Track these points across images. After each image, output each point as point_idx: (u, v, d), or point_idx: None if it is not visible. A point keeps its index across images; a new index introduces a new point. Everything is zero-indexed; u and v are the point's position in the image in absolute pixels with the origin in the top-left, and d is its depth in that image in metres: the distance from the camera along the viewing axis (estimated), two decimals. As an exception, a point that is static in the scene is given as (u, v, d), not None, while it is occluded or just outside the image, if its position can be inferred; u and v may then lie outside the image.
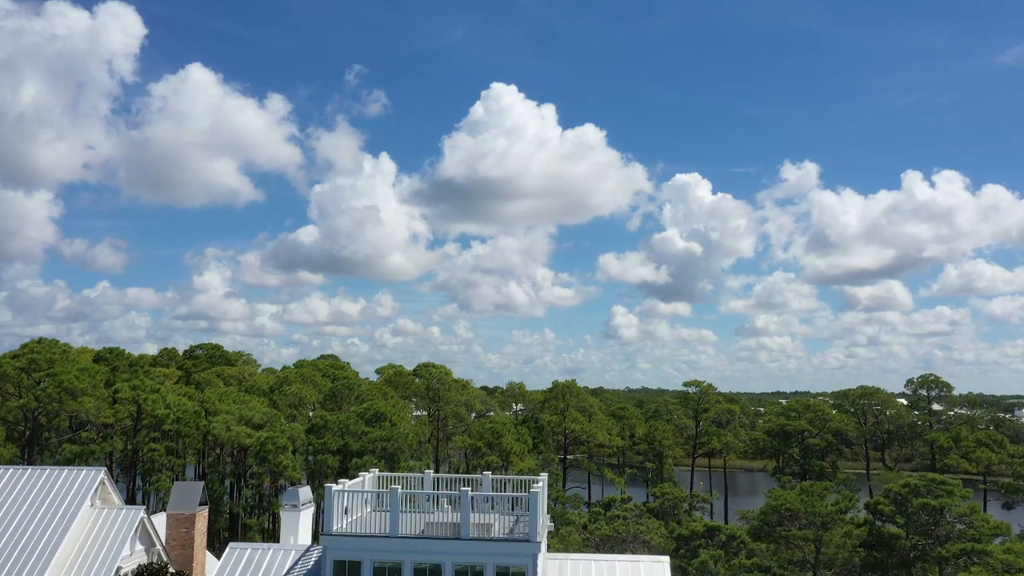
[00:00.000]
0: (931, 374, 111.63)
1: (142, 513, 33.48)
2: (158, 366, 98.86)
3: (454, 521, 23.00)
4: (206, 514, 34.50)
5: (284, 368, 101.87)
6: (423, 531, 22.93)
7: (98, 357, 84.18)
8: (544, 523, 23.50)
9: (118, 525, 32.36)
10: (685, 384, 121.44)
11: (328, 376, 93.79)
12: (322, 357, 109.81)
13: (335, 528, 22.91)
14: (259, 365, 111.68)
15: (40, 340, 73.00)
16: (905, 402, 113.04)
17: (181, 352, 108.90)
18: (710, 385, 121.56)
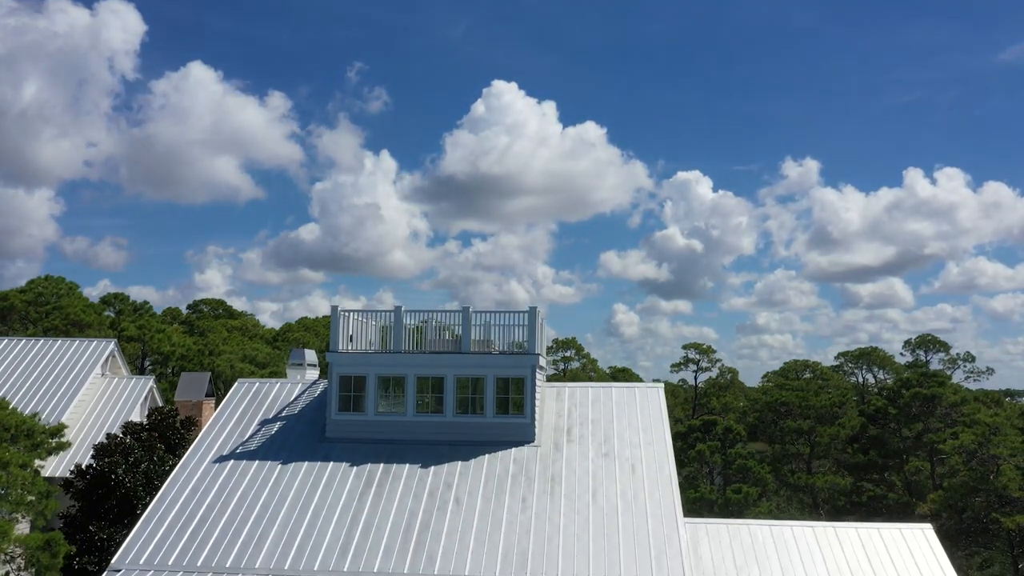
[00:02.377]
0: (928, 334, 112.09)
1: (152, 382, 34.39)
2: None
3: (456, 338, 23.77)
4: (212, 405, 35.34)
5: (286, 323, 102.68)
6: (426, 348, 23.71)
7: (103, 301, 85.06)
8: (543, 341, 24.26)
9: (128, 391, 33.28)
10: (684, 347, 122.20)
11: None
12: (325, 316, 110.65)
13: (340, 349, 23.68)
14: (263, 325, 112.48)
15: (47, 277, 73.97)
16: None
17: (184, 310, 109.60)
18: (710, 347, 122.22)
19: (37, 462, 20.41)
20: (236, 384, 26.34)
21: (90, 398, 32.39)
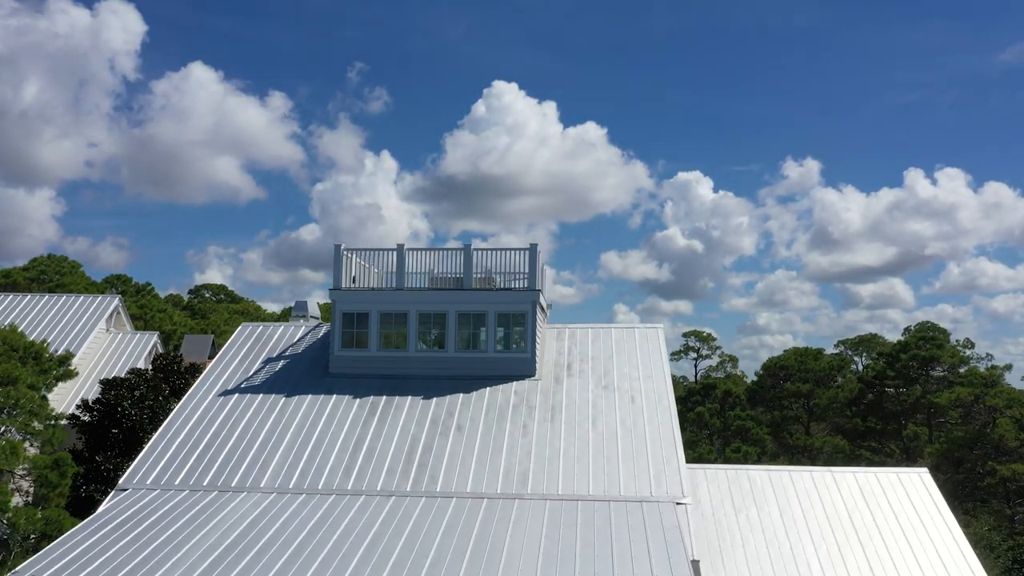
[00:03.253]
0: (928, 322, 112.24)
1: (156, 337, 34.68)
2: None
3: (458, 275, 24.02)
4: (215, 367, 35.61)
5: (287, 307, 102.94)
6: (428, 285, 23.97)
7: (106, 280, 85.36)
8: (543, 278, 24.51)
9: (133, 345, 33.57)
10: (685, 335, 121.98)
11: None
12: (326, 303, 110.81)
13: (343, 286, 23.98)
14: (265, 310, 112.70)
15: (50, 256, 74.21)
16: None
17: (186, 295, 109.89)
18: (710, 335, 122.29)
19: (44, 392, 20.67)
20: (240, 328, 26.60)
21: (95, 351, 32.67)
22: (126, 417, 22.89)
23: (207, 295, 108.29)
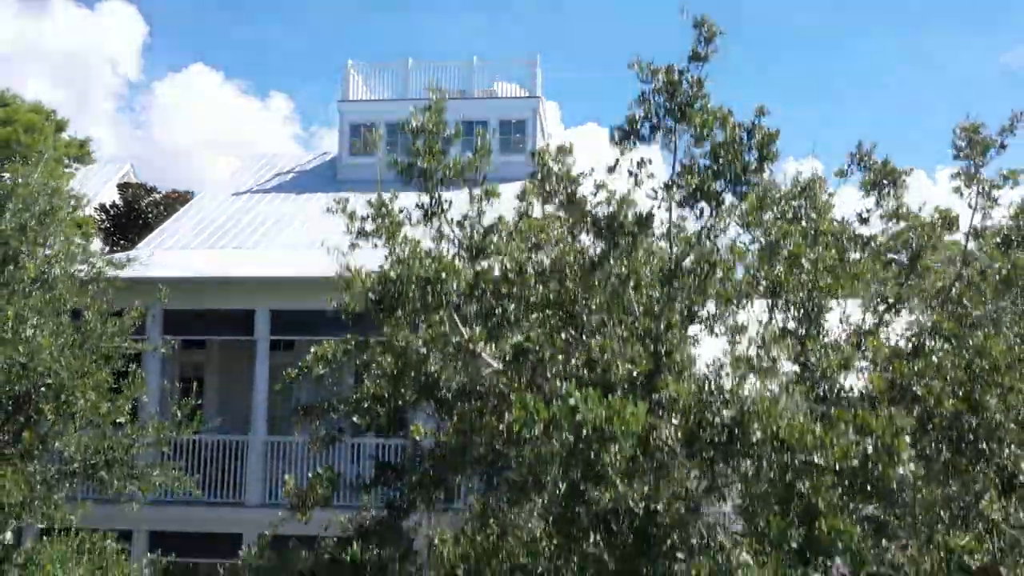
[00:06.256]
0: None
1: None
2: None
3: (461, 88, 24.81)
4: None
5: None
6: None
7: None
8: (544, 104, 25.31)
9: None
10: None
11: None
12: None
13: (351, 97, 24.79)
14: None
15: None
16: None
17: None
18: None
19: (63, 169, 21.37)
20: (247, 159, 27.41)
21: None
22: (143, 216, 23.73)
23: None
